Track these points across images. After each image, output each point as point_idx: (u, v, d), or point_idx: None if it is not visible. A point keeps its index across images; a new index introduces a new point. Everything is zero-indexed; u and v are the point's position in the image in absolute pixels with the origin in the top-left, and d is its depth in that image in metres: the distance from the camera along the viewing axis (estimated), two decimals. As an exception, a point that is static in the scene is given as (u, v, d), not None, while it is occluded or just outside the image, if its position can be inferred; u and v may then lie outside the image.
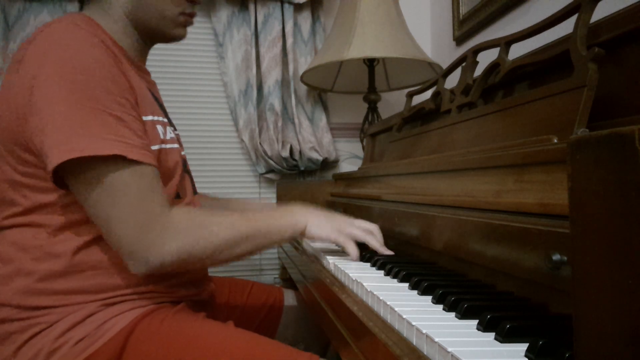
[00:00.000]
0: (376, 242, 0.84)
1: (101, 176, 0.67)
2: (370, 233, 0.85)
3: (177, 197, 0.84)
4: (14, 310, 0.70)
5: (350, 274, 0.69)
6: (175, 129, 0.97)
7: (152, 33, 0.85)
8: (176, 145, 0.84)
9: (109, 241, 0.71)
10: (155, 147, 0.77)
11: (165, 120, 0.84)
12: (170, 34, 0.86)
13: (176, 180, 0.83)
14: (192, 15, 0.87)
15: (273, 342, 0.75)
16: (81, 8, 0.84)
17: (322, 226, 0.82)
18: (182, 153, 0.93)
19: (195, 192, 0.94)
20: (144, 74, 0.89)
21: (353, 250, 0.81)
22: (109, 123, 0.66)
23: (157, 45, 0.93)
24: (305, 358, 0.71)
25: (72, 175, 0.68)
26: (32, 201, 0.72)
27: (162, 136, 0.80)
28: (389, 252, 0.83)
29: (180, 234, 0.70)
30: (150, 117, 0.78)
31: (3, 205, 0.73)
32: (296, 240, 1.09)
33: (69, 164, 0.65)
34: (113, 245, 0.70)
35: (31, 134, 0.67)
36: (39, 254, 0.71)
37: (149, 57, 0.92)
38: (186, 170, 0.92)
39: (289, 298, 1.11)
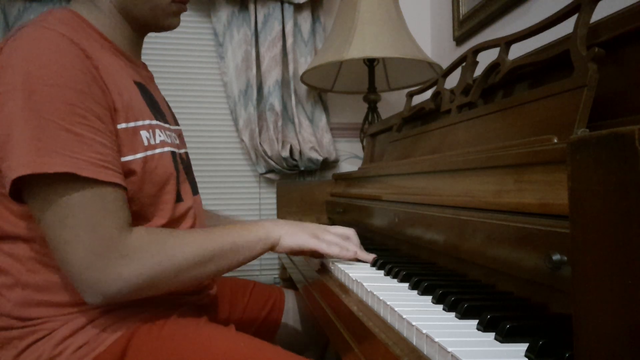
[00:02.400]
0: (356, 248, 0.80)
1: (51, 196, 0.62)
2: (347, 238, 0.81)
3: (179, 201, 0.81)
4: (14, 321, 0.69)
5: (350, 274, 0.69)
6: (176, 124, 0.94)
7: (143, 24, 0.81)
8: (167, 149, 0.78)
9: (63, 270, 0.65)
10: (137, 156, 0.72)
11: (155, 122, 0.78)
12: (163, 24, 0.82)
13: (172, 185, 0.79)
14: (184, 2, 0.83)
15: (275, 347, 0.74)
16: (68, 1, 0.81)
17: (297, 235, 0.76)
18: (183, 151, 0.90)
19: (196, 192, 0.91)
20: (139, 68, 0.84)
21: (339, 254, 0.78)
22: (64, 139, 0.61)
23: (157, 45, 0.92)
24: None
25: (26, 192, 0.64)
26: (17, 213, 0.69)
27: (146, 142, 0.74)
28: (370, 257, 0.80)
29: (139, 258, 0.65)
30: (132, 124, 0.72)
31: None
32: None
33: (23, 182, 0.62)
34: (67, 275, 0.65)
35: None
36: (34, 265, 0.70)
37: (148, 57, 0.90)
38: (187, 169, 0.89)
39: (290, 298, 1.11)
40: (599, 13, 0.66)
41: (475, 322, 0.47)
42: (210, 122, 1.86)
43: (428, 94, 1.16)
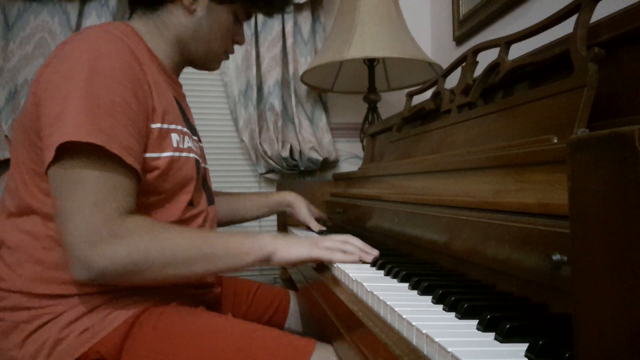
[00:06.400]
0: (358, 250, 0.79)
1: (72, 166, 0.67)
2: (347, 243, 0.81)
3: (190, 205, 0.84)
4: (24, 298, 0.72)
5: (350, 274, 0.69)
6: (199, 141, 0.98)
7: (193, 60, 0.92)
8: (193, 155, 0.84)
9: (61, 238, 0.68)
10: (164, 155, 0.77)
11: (186, 130, 0.85)
12: (209, 66, 0.94)
13: (190, 189, 0.83)
14: (231, 53, 0.95)
15: (272, 329, 0.76)
16: (130, 17, 0.88)
17: (294, 247, 0.76)
18: (204, 166, 0.94)
19: (211, 202, 0.94)
20: (177, 87, 0.92)
21: (343, 259, 0.77)
22: (106, 122, 0.67)
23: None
24: (304, 342, 0.71)
25: (53, 163, 0.67)
26: (43, 190, 0.73)
27: (175, 144, 0.80)
28: (373, 253, 0.79)
29: (130, 242, 0.67)
30: (165, 126, 0.78)
31: (17, 194, 0.75)
32: None
33: (56, 152, 0.66)
34: (62, 244, 0.68)
35: (45, 123, 0.69)
36: (49, 243, 0.73)
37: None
38: (205, 181, 0.93)
39: (294, 300, 1.12)
40: (599, 13, 0.66)
41: (475, 322, 0.47)
42: (210, 122, 1.86)
43: (428, 94, 1.16)
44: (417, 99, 1.25)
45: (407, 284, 0.64)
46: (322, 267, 0.85)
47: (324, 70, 1.70)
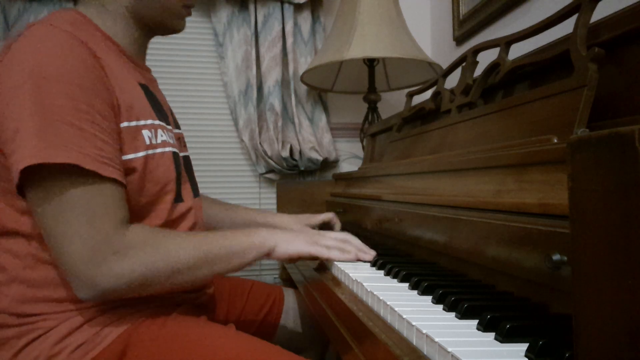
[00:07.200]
0: (356, 249, 0.80)
1: (52, 188, 0.63)
2: (346, 242, 0.81)
3: (179, 201, 0.82)
4: (11, 318, 0.69)
5: (350, 274, 0.69)
6: (177, 128, 0.95)
7: (154, 26, 0.84)
8: (168, 149, 0.79)
9: (58, 262, 0.66)
10: (138, 155, 0.73)
11: (158, 122, 0.79)
12: (172, 27, 0.86)
13: (173, 185, 0.79)
14: (192, 6, 0.88)
15: (275, 347, 0.74)
16: (75, 3, 0.82)
17: (293, 242, 0.77)
18: (185, 154, 0.91)
19: (197, 194, 0.91)
20: (144, 71, 0.86)
21: (340, 257, 0.79)
22: (68, 133, 0.63)
23: (157, 45, 0.92)
24: None
25: (29, 185, 0.64)
26: (19, 208, 0.70)
27: (148, 141, 0.75)
28: (371, 254, 0.81)
29: (132, 256, 0.65)
30: (134, 123, 0.73)
31: None
32: None
33: (27, 174, 0.63)
34: (61, 267, 0.66)
35: (4, 140, 0.65)
36: (32, 261, 0.70)
37: (148, 57, 0.91)
38: (188, 171, 0.90)
39: (289, 297, 1.11)
40: (599, 13, 0.66)
41: (475, 322, 0.47)
42: (210, 122, 1.87)
43: (428, 94, 1.16)
44: (417, 99, 1.25)
45: (407, 284, 0.64)
46: (323, 267, 0.85)
47: (324, 70, 1.70)
